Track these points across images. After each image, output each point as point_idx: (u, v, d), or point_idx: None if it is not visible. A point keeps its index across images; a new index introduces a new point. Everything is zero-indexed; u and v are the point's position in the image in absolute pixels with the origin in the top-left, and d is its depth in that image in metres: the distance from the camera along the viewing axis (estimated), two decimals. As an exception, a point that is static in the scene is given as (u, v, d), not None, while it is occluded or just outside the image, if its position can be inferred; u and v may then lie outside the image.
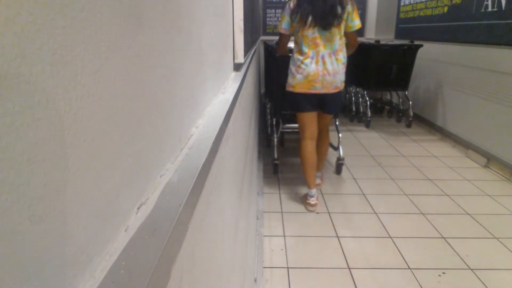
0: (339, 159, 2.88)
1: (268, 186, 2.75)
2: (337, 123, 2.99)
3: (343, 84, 2.29)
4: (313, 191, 2.38)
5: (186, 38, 0.55)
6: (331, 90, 2.23)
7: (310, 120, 2.32)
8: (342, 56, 2.22)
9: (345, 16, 2.14)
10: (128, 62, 0.33)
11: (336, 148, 2.93)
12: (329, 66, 2.18)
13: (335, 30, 2.14)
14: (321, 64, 2.18)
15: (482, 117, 3.23)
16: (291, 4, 2.18)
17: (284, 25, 2.24)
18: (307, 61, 2.18)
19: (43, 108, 0.21)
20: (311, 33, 2.15)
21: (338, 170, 2.95)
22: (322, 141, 2.50)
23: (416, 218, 2.30)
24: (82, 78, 0.25)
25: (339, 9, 2.10)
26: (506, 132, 2.91)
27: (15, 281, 0.18)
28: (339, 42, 2.19)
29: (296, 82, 2.23)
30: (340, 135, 2.93)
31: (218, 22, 0.92)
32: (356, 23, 2.19)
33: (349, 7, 2.14)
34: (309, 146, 2.35)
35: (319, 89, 2.21)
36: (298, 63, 2.21)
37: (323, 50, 2.17)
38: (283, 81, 2.39)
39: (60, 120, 0.22)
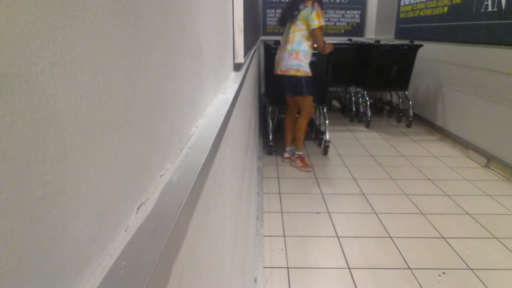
0: (325, 141, 3.40)
1: (268, 186, 2.75)
2: (325, 110, 3.54)
3: (291, 71, 2.85)
4: (287, 148, 3.22)
5: (186, 38, 0.55)
6: (277, 71, 2.96)
7: (287, 97, 3.12)
8: (290, 46, 2.85)
9: (301, 16, 2.77)
10: (128, 62, 0.33)
11: (323, 133, 3.44)
12: (280, 54, 2.95)
13: (290, 26, 2.85)
14: (279, 52, 2.98)
15: (482, 117, 3.23)
16: None
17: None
18: (277, 51, 3.03)
19: (43, 108, 0.21)
20: (284, 31, 2.99)
21: (325, 152, 3.44)
22: (298, 119, 3.09)
23: (416, 218, 2.30)
24: (82, 78, 0.25)
25: (295, 12, 2.80)
26: (506, 132, 2.91)
27: (15, 281, 0.18)
28: (291, 35, 2.84)
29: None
30: (327, 121, 3.49)
31: (218, 22, 0.92)
32: (315, 23, 2.76)
33: (307, 9, 2.75)
34: (287, 117, 3.20)
35: (277, 70, 3.00)
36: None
37: (282, 42, 2.98)
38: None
39: (60, 120, 0.22)
